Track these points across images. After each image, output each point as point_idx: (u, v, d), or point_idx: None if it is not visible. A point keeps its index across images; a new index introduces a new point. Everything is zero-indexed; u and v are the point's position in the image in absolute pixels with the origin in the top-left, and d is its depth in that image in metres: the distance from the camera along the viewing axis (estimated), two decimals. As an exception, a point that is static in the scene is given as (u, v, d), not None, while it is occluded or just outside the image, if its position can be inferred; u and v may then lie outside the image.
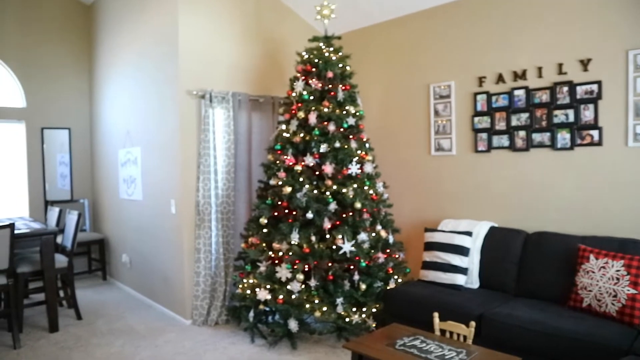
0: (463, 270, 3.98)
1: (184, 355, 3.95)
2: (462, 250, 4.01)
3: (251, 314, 4.13)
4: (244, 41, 5.05)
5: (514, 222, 4.18)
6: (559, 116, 3.90)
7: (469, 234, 4.07)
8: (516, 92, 4.15)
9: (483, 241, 4.09)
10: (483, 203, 4.42)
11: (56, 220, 5.31)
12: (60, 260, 4.79)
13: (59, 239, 5.11)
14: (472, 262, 4.04)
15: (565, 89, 3.85)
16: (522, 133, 4.13)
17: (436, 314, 3.10)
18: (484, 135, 4.39)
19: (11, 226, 4.15)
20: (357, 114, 4.45)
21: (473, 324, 2.89)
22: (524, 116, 4.10)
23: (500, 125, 4.27)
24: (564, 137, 3.88)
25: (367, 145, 4.47)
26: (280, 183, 4.20)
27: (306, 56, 4.50)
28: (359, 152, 4.32)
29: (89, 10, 6.80)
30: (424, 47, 4.85)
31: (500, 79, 4.26)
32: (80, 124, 6.86)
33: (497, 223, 4.25)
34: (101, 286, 6.28)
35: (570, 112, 3.83)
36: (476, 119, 4.43)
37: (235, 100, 4.75)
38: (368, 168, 4.31)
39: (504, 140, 4.25)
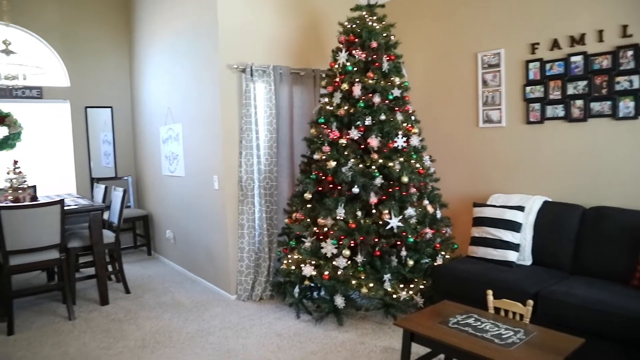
0: (515, 247, 3.82)
1: (231, 330, 3.98)
2: (514, 226, 3.85)
3: (296, 289, 4.12)
4: (284, 13, 4.93)
5: (569, 197, 3.98)
6: (622, 83, 3.64)
7: (521, 208, 3.90)
8: (573, 59, 3.89)
9: (536, 216, 3.91)
10: (535, 177, 4.22)
11: (102, 197, 5.42)
12: (108, 235, 4.89)
13: (105, 215, 5.21)
14: (525, 238, 3.88)
15: (630, 52, 3.58)
16: (579, 102, 3.89)
17: (490, 292, 2.99)
18: (537, 106, 4.16)
19: (61, 202, 4.24)
20: (403, 85, 4.29)
21: (531, 302, 2.78)
22: (582, 84, 3.85)
23: (555, 95, 4.03)
24: (627, 105, 3.63)
25: (413, 117, 4.32)
26: (324, 157, 4.11)
27: (349, 26, 4.35)
28: (404, 124, 4.18)
29: (127, -13, 6.80)
30: (471, 13, 4.61)
31: (555, 44, 4.00)
32: (122, 103, 6.94)
33: (551, 197, 4.06)
34: (146, 261, 6.41)
35: (635, 78, 3.56)
36: (528, 88, 4.20)
37: (276, 73, 4.66)
38: (414, 141, 4.17)
39: (559, 111, 4.02)
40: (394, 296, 3.85)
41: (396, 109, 4.21)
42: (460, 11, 4.70)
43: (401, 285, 3.92)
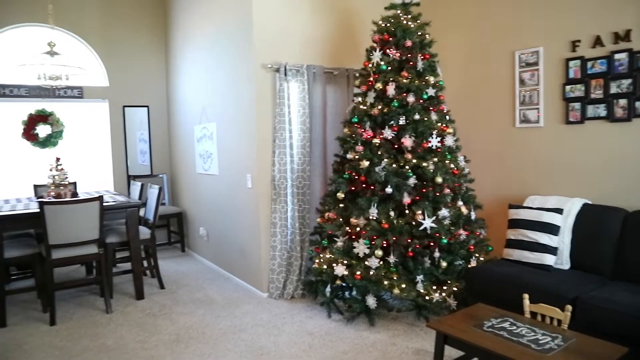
0: (552, 250, 3.72)
1: (263, 327, 4.01)
2: (552, 229, 3.74)
3: (328, 289, 4.12)
4: (318, 12, 4.94)
5: (611, 200, 3.84)
6: (669, 82, 3.50)
7: (559, 211, 3.79)
8: (617, 56, 3.76)
9: (575, 219, 3.80)
10: (574, 178, 4.10)
11: (138, 194, 5.55)
12: (144, 232, 5.00)
13: (141, 212, 5.33)
14: (563, 241, 3.77)
15: (678, 50, 3.44)
16: (622, 101, 3.75)
17: (526, 296, 2.92)
18: (577, 105, 4.04)
19: (100, 199, 4.36)
20: (437, 84, 4.24)
21: (569, 307, 2.70)
22: (626, 83, 3.72)
23: (597, 94, 3.90)
24: (674, 105, 3.48)
25: (447, 117, 4.27)
26: (357, 157, 4.10)
27: (383, 25, 4.33)
28: (439, 124, 4.13)
29: (164, -12, 6.95)
30: (508, 10, 4.51)
31: (597, 41, 3.87)
32: (158, 102, 7.09)
33: (591, 200, 3.93)
34: (180, 257, 6.53)
35: (684, 77, 3.42)
36: (568, 87, 4.08)
37: (309, 73, 4.67)
38: (449, 141, 4.12)
39: (601, 110, 3.89)
40: (427, 298, 3.80)
41: (430, 108, 4.16)
42: (498, 9, 4.61)
43: (434, 287, 3.87)
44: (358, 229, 4.01)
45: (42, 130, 6.38)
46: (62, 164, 4.88)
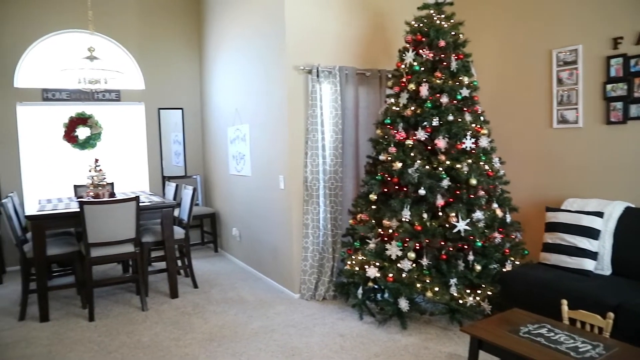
0: (592, 255, 3.60)
1: (294, 328, 4.02)
2: (592, 233, 3.63)
3: (360, 290, 4.10)
4: (350, 14, 4.94)
5: (655, 203, 3.71)
6: None
7: (599, 214, 3.67)
8: (662, 54, 3.63)
9: (617, 223, 3.67)
10: (615, 181, 3.96)
11: (173, 195, 5.65)
12: (178, 231, 5.10)
13: (175, 212, 5.43)
14: (604, 245, 3.65)
15: None
16: (668, 101, 3.61)
17: (564, 301, 2.84)
18: (619, 105, 3.90)
19: (136, 199, 4.47)
20: (472, 84, 4.18)
21: (611, 315, 2.60)
22: (671, 81, 3.58)
23: (640, 93, 3.77)
24: None
25: (482, 118, 4.19)
26: (390, 158, 4.08)
27: (416, 25, 4.29)
28: (473, 125, 4.06)
29: (199, -7, 7.08)
30: (544, 8, 4.41)
31: (641, 39, 3.74)
32: (192, 104, 7.22)
33: (634, 203, 3.79)
34: (213, 257, 6.63)
35: None
36: (609, 86, 3.95)
37: (342, 74, 4.67)
38: (483, 142, 4.05)
39: (644, 110, 3.75)
40: (460, 301, 3.75)
41: (465, 109, 4.10)
42: (534, 7, 4.50)
43: (468, 291, 3.81)
44: (390, 230, 3.98)
45: (82, 132, 6.59)
46: (100, 165, 5.02)
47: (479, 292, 3.82)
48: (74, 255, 4.58)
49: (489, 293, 3.83)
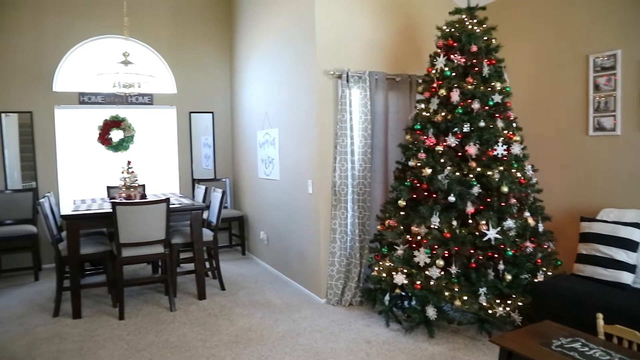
0: (630, 268, 3.48)
1: (320, 333, 4.01)
2: (630, 244, 3.50)
3: (387, 297, 4.07)
4: (380, 19, 4.92)
5: (697, 214, 3.56)
6: None
7: (637, 225, 3.55)
8: None
9: (656, 235, 3.54)
10: (655, 191, 3.82)
11: (203, 197, 5.73)
12: (207, 234, 5.16)
13: (204, 215, 5.50)
14: (642, 258, 3.52)
15: None
16: None
17: (600, 315, 2.74)
18: (659, 112, 3.77)
19: (167, 201, 4.54)
20: (504, 90, 4.10)
21: (652, 330, 2.50)
22: None
23: (682, 100, 3.64)
24: None
25: (514, 124, 4.11)
26: (419, 164, 4.04)
27: (447, 30, 4.25)
28: (505, 131, 3.99)
29: (230, 0, 7.19)
30: (581, 12, 4.30)
31: (683, 45, 3.61)
32: (223, 108, 7.32)
33: (674, 214, 3.65)
34: (240, 260, 6.68)
35: None
36: (649, 93, 3.83)
37: (371, 79, 4.65)
38: (516, 149, 3.97)
39: (687, 118, 3.61)
40: (490, 311, 3.67)
41: (496, 115, 4.03)
42: (570, 11, 4.40)
43: (497, 301, 3.72)
44: (419, 237, 3.93)
45: (116, 135, 6.76)
46: (132, 167, 5.13)
47: (509, 302, 3.73)
48: (106, 254, 4.69)
49: (520, 304, 3.74)
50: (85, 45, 6.49)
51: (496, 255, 3.76)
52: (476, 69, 4.09)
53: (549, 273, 3.92)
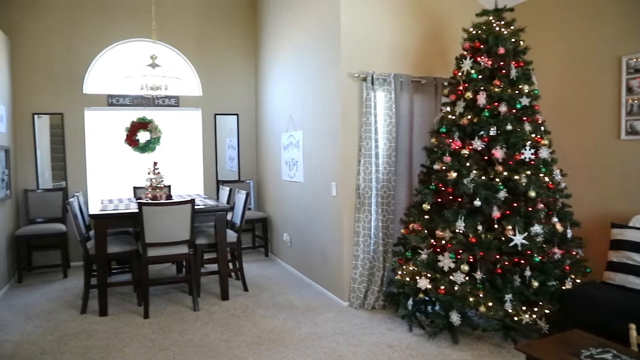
0: (663, 276, 3.38)
1: (343, 336, 4.00)
2: (663, 252, 3.40)
3: (410, 302, 4.03)
4: (406, 21, 4.89)
5: None
6: None
7: (672, 233, 3.44)
8: None
9: (692, 243, 3.43)
10: (691, 197, 3.70)
11: (227, 199, 5.78)
12: (231, 235, 5.19)
13: (228, 216, 5.54)
14: (676, 266, 3.41)
15: None
16: None
17: (632, 326, 2.65)
18: (695, 116, 3.65)
19: (192, 202, 4.59)
20: (532, 93, 4.03)
21: (687, 342, 2.42)
22: None
23: None
24: None
25: (542, 128, 4.03)
26: (444, 167, 3.99)
27: (474, 32, 4.19)
28: (533, 135, 3.92)
29: (255, 3, 7.23)
30: (612, 13, 4.19)
31: None
32: (247, 110, 7.37)
33: None
34: (263, 262, 6.71)
35: None
36: (685, 96, 3.71)
37: (397, 82, 4.63)
38: (544, 153, 3.89)
39: None
40: (515, 318, 3.60)
41: (524, 118, 3.96)
42: (602, 11, 4.30)
43: (523, 308, 3.65)
44: (443, 242, 3.89)
45: (142, 136, 6.88)
46: (158, 167, 5.21)
47: (535, 309, 3.65)
48: (132, 254, 4.77)
49: (547, 311, 3.65)
50: (114, 48, 6.63)
51: (522, 261, 3.69)
52: (503, 71, 4.03)
53: (578, 280, 3.83)
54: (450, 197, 3.99)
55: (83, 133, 6.53)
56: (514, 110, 3.95)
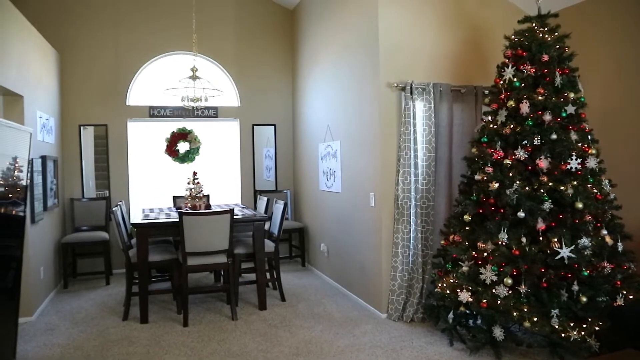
0: None
1: (381, 349, 3.94)
2: None
3: (450, 315, 3.94)
4: (445, 29, 4.84)
5: None
6: None
7: None
8: None
9: None
10: None
11: (265, 209, 5.82)
12: (268, 244, 5.22)
13: (266, 226, 5.57)
14: None
15: None
16: None
17: (692, 344, 2.51)
18: None
19: (231, 212, 4.64)
20: (578, 101, 3.90)
21: None
22: None
23: None
24: None
25: (589, 136, 3.88)
26: (486, 178, 3.90)
27: (516, 39, 4.10)
28: (579, 144, 3.78)
29: (292, 14, 7.31)
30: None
31: None
32: (284, 120, 7.43)
33: None
34: (300, 272, 6.71)
35: None
36: None
37: (436, 91, 4.57)
38: (591, 163, 3.75)
39: None
40: (563, 335, 3.45)
41: (570, 127, 3.83)
42: (653, 17, 4.13)
43: (571, 324, 3.50)
44: (485, 254, 3.79)
45: (182, 147, 7.03)
46: (198, 177, 5.30)
47: (584, 326, 3.49)
48: (172, 262, 4.85)
49: (597, 328, 3.49)
50: (158, 61, 6.83)
51: (569, 275, 3.55)
52: (547, 79, 3.92)
53: (630, 297, 3.65)
54: (493, 208, 3.89)
55: (126, 143, 6.73)
56: (558, 119, 3.83)
